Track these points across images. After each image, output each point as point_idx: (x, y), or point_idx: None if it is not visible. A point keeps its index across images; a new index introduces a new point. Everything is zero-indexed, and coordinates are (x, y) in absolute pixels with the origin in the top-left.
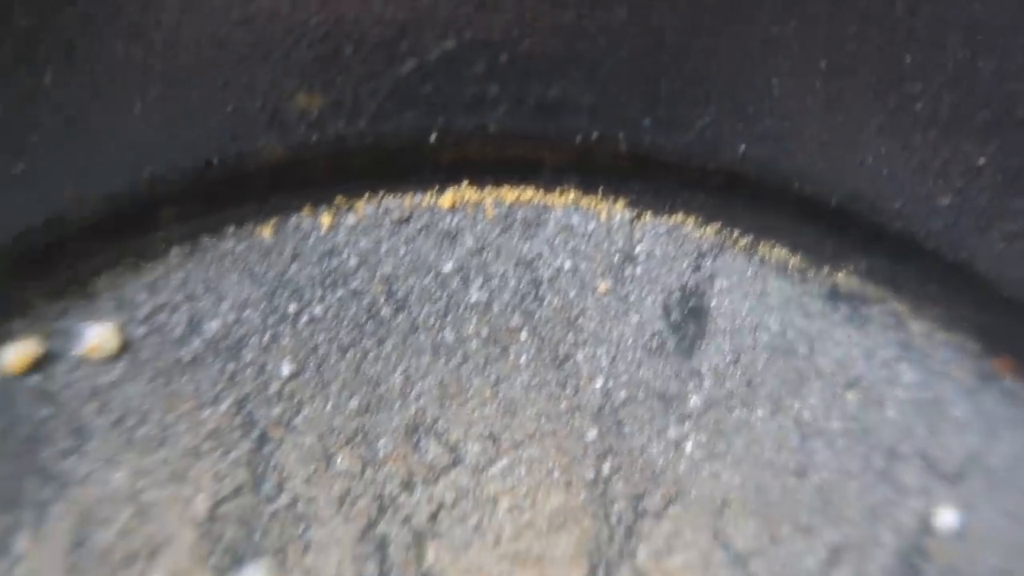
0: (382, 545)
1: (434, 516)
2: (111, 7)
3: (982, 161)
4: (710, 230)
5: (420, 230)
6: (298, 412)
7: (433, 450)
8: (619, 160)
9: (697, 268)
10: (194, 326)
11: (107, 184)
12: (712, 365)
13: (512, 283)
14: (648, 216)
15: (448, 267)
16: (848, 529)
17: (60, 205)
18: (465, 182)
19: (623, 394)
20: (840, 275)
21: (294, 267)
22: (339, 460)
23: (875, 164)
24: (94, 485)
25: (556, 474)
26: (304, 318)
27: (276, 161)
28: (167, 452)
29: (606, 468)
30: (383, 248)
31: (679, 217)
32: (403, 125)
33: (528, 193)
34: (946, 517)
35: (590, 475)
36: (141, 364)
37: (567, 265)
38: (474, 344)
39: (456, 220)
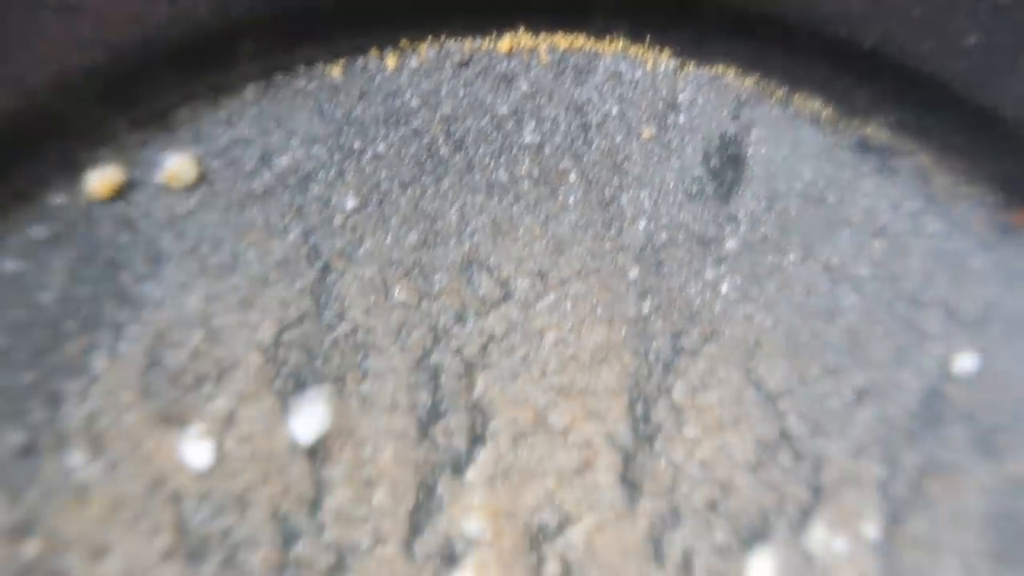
0: (435, 375)
1: (484, 348)
2: None
3: None
4: (749, 81)
5: (478, 74)
6: (360, 245)
7: (485, 285)
8: (667, 2)
9: (736, 117)
10: (266, 160)
11: (196, 7)
12: (748, 211)
13: (563, 127)
14: (691, 66)
15: (503, 110)
16: (873, 372)
17: (154, 28)
18: (521, 28)
19: (664, 236)
20: (870, 127)
21: (360, 106)
22: (397, 292)
23: (906, 3)
24: (168, 309)
25: (600, 311)
26: (368, 155)
27: None
28: (237, 279)
29: (646, 306)
30: (443, 90)
31: (720, 68)
32: None
33: (580, 41)
34: (965, 362)
35: (631, 312)
36: (215, 194)
37: (614, 111)
38: (526, 184)
39: (512, 65)
